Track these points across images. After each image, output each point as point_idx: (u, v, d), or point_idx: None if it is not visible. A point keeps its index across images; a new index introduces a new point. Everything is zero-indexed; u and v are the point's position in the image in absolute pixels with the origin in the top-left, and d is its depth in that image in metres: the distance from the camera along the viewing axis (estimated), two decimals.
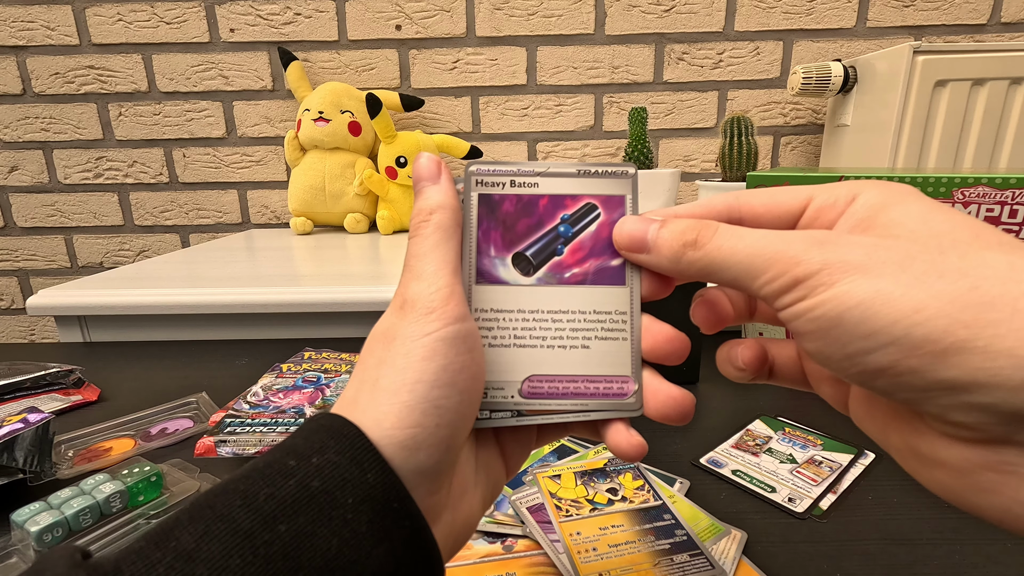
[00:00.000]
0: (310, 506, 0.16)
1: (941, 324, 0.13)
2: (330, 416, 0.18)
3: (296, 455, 0.17)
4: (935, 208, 0.17)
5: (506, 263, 0.22)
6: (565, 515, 0.33)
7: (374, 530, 0.16)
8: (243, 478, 0.16)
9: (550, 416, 0.21)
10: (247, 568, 0.15)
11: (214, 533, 0.15)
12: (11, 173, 1.26)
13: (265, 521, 0.15)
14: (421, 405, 0.18)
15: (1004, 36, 1.12)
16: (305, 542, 0.15)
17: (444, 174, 0.22)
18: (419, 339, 0.18)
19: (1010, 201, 0.38)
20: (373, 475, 0.17)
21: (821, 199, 0.19)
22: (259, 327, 0.72)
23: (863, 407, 0.20)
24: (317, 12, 1.16)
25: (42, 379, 0.53)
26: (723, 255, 0.18)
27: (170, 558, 0.14)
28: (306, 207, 1.14)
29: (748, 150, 0.92)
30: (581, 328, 0.22)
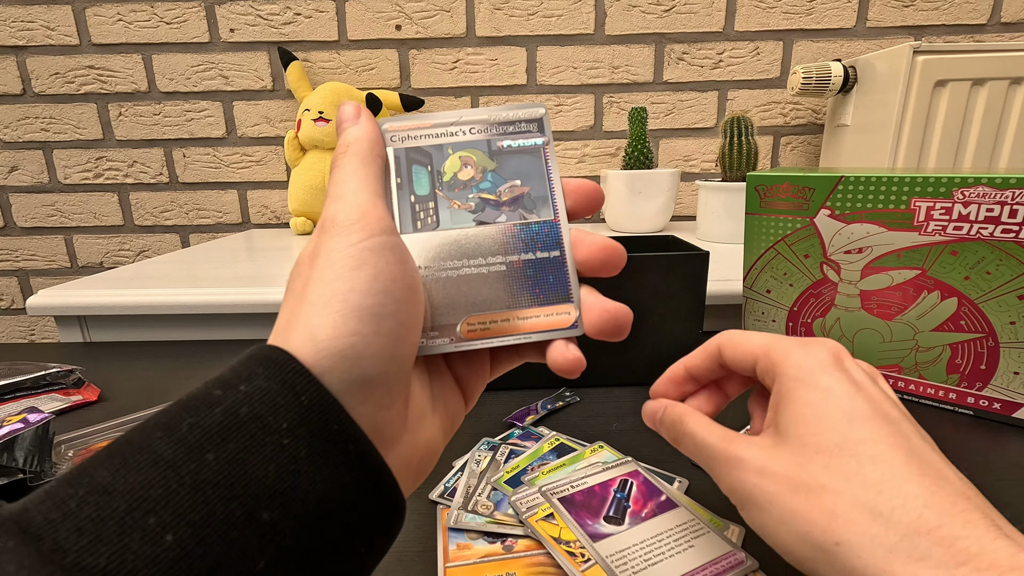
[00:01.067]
0: (240, 432, 0.15)
1: (796, 557, 0.21)
2: (258, 347, 0.17)
3: (222, 385, 0.16)
4: (814, 415, 0.22)
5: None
6: (584, 560, 0.30)
7: (314, 454, 0.15)
8: (164, 412, 0.15)
9: (490, 341, 0.21)
10: (171, 497, 0.13)
11: (132, 465, 0.14)
12: (11, 173, 1.26)
13: (190, 450, 0.14)
14: (356, 313, 0.17)
15: (1004, 36, 1.12)
16: (238, 469, 0.14)
17: (364, 114, 0.22)
18: (345, 249, 0.18)
19: (1010, 201, 0.38)
20: (307, 397, 0.16)
21: (765, 362, 0.25)
22: (259, 327, 0.72)
23: None
24: (317, 12, 1.16)
25: (42, 379, 0.53)
26: (694, 443, 0.26)
27: (83, 492, 0.13)
28: (306, 207, 1.14)
29: (748, 150, 0.92)
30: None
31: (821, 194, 0.45)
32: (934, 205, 0.41)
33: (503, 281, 0.21)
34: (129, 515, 0.13)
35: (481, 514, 0.34)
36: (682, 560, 0.29)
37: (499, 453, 0.40)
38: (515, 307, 0.21)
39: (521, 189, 0.22)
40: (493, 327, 0.21)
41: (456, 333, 0.21)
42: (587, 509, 0.33)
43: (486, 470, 0.38)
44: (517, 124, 0.23)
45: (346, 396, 0.17)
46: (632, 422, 0.45)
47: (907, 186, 0.42)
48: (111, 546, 0.13)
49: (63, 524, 0.13)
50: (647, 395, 0.33)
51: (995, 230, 0.40)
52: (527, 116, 0.23)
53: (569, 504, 0.33)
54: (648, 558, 0.29)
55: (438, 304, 0.21)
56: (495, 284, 0.21)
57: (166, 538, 0.13)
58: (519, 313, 0.21)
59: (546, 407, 0.47)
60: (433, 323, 0.21)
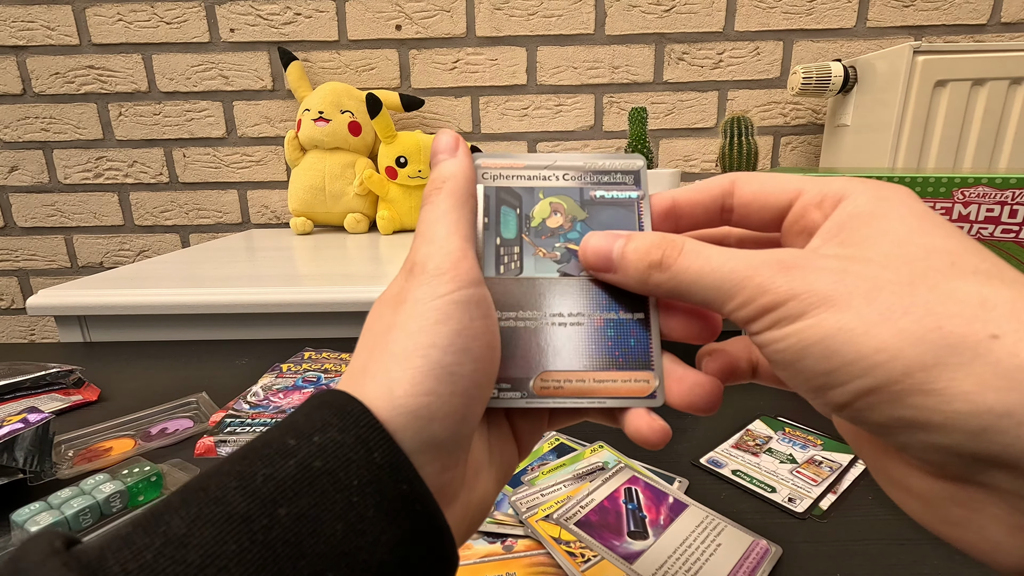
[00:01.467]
0: (312, 488, 0.15)
1: (900, 366, 0.13)
2: (333, 392, 0.17)
3: (296, 434, 0.16)
4: (917, 226, 0.16)
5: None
6: (584, 561, 0.30)
7: (382, 514, 0.15)
8: (239, 459, 0.15)
9: (562, 401, 0.20)
10: (244, 554, 0.13)
11: (207, 517, 0.14)
12: (11, 173, 1.26)
13: (263, 504, 0.14)
14: (435, 371, 0.17)
15: (1004, 36, 1.12)
16: (307, 527, 0.14)
17: (461, 147, 0.21)
18: (431, 301, 0.17)
19: (1010, 201, 0.38)
20: (380, 454, 0.16)
21: (809, 195, 0.19)
22: (259, 327, 0.72)
23: (840, 425, 0.20)
24: (317, 12, 1.16)
25: (42, 379, 0.53)
26: (689, 278, 0.18)
27: (159, 543, 0.13)
28: (306, 207, 1.14)
29: (748, 150, 0.92)
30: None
31: None
32: (934, 205, 0.41)
33: (581, 338, 0.21)
34: (202, 571, 0.13)
35: None
36: (718, 562, 0.30)
37: None
38: (591, 368, 0.20)
39: None
40: (567, 387, 0.20)
41: (528, 388, 0.20)
42: (607, 529, 0.32)
43: None
44: (613, 175, 0.22)
45: (416, 455, 0.16)
46: None
47: (907, 186, 0.42)
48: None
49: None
50: None
51: (995, 230, 0.40)
52: (624, 167, 0.22)
53: (588, 527, 0.32)
54: (688, 568, 0.29)
55: (511, 355, 0.20)
56: (573, 341, 0.21)
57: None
58: (595, 375, 0.20)
59: None
60: (505, 374, 0.20)
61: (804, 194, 0.19)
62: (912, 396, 0.13)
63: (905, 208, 0.17)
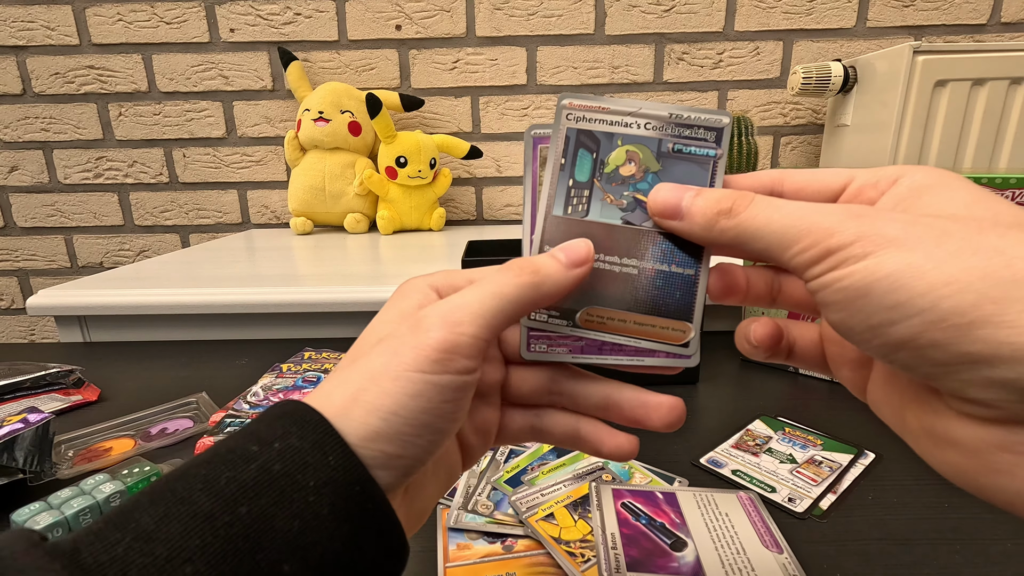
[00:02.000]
0: (271, 489, 0.16)
1: (969, 298, 0.13)
2: (294, 403, 0.18)
3: (258, 440, 0.17)
4: (979, 195, 0.16)
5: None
6: (584, 560, 0.30)
7: (336, 512, 0.16)
8: (204, 463, 0.16)
9: (602, 335, 0.21)
10: (207, 548, 0.15)
11: (174, 515, 0.15)
12: (11, 173, 1.26)
13: (226, 503, 0.15)
14: (388, 434, 0.17)
15: (1004, 36, 1.12)
16: (266, 524, 0.15)
17: (583, 269, 0.20)
18: (412, 373, 0.18)
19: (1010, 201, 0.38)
20: (334, 458, 0.17)
21: (863, 179, 0.19)
22: (259, 327, 0.72)
23: (881, 390, 0.20)
24: (317, 12, 1.16)
25: (42, 379, 0.53)
26: (757, 224, 0.18)
27: (129, 538, 0.14)
28: (306, 207, 1.14)
29: (748, 150, 0.92)
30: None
31: None
32: None
33: (631, 284, 0.21)
34: (169, 563, 0.14)
35: (481, 514, 0.34)
36: (742, 528, 0.32)
37: (499, 453, 0.40)
38: (635, 311, 0.21)
39: None
40: (609, 323, 0.21)
41: (574, 319, 0.21)
42: (654, 555, 0.30)
43: (486, 470, 0.38)
44: (695, 129, 0.22)
45: (373, 466, 0.18)
46: None
47: None
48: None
49: (111, 568, 0.14)
50: None
51: None
52: (708, 123, 0.22)
53: (641, 566, 0.30)
54: (736, 548, 0.30)
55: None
56: (622, 285, 0.21)
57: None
58: (636, 317, 0.21)
59: None
60: (557, 304, 0.21)
61: (857, 178, 0.19)
62: (980, 328, 0.13)
63: (962, 182, 0.17)
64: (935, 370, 0.15)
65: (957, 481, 0.16)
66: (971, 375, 0.14)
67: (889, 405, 0.19)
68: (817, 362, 0.23)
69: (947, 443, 0.16)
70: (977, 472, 0.15)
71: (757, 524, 0.33)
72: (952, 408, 0.16)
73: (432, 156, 1.11)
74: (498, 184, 1.26)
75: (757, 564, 0.30)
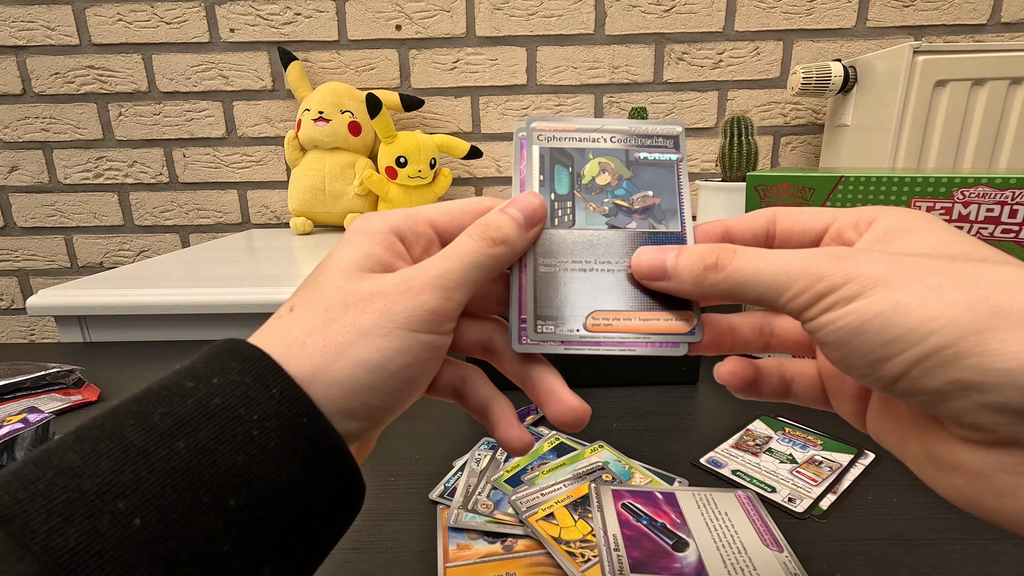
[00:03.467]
0: (210, 423, 0.15)
1: (955, 331, 0.14)
2: (232, 340, 0.18)
3: (195, 377, 0.16)
4: (949, 236, 0.18)
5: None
6: (584, 560, 0.30)
7: (283, 447, 0.16)
8: (135, 401, 0.16)
9: (611, 336, 0.22)
10: (140, 483, 0.14)
11: (103, 451, 0.14)
12: (11, 173, 1.26)
13: (161, 438, 0.15)
14: (373, 387, 0.18)
15: (1004, 36, 1.12)
16: (207, 458, 0.15)
17: (536, 229, 0.22)
18: (406, 331, 0.18)
19: (1010, 201, 0.38)
20: (278, 390, 0.16)
21: (843, 221, 0.20)
22: (259, 327, 0.72)
23: (880, 419, 0.20)
24: (317, 12, 1.16)
25: (42, 379, 0.53)
26: (745, 275, 0.19)
27: (51, 475, 0.13)
28: (306, 207, 1.14)
29: (748, 150, 0.92)
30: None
31: (821, 194, 0.45)
32: (934, 205, 0.41)
33: (629, 283, 0.22)
34: (99, 498, 0.13)
35: (481, 513, 0.34)
36: (742, 528, 0.32)
37: (499, 452, 0.40)
38: (638, 308, 0.22)
39: (653, 200, 0.24)
40: (616, 324, 0.22)
41: (583, 324, 0.22)
42: (656, 556, 0.30)
43: (486, 469, 0.38)
44: (655, 138, 0.24)
45: (350, 416, 0.18)
46: (632, 422, 0.45)
47: (907, 186, 0.42)
48: (80, 528, 0.13)
49: (31, 504, 0.13)
50: (646, 395, 0.33)
51: (995, 230, 0.40)
52: (665, 132, 0.24)
53: (644, 567, 0.30)
54: (737, 547, 0.30)
55: (566, 296, 0.22)
56: (622, 284, 0.22)
57: (134, 521, 0.13)
58: (641, 315, 0.22)
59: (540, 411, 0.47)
60: (559, 312, 0.22)
61: (839, 219, 0.21)
62: (967, 358, 0.14)
63: (935, 223, 0.18)
64: (932, 398, 0.15)
65: (962, 504, 0.17)
66: (965, 402, 0.15)
67: (890, 433, 0.20)
68: (818, 398, 0.23)
69: (949, 467, 0.17)
70: (981, 494, 0.16)
71: (756, 523, 0.33)
72: (952, 433, 0.16)
73: (432, 156, 1.11)
74: (498, 184, 1.26)
75: (759, 563, 0.30)
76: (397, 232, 0.21)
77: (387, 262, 0.20)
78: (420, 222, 0.22)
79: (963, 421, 0.15)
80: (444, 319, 0.19)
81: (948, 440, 0.16)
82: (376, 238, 0.21)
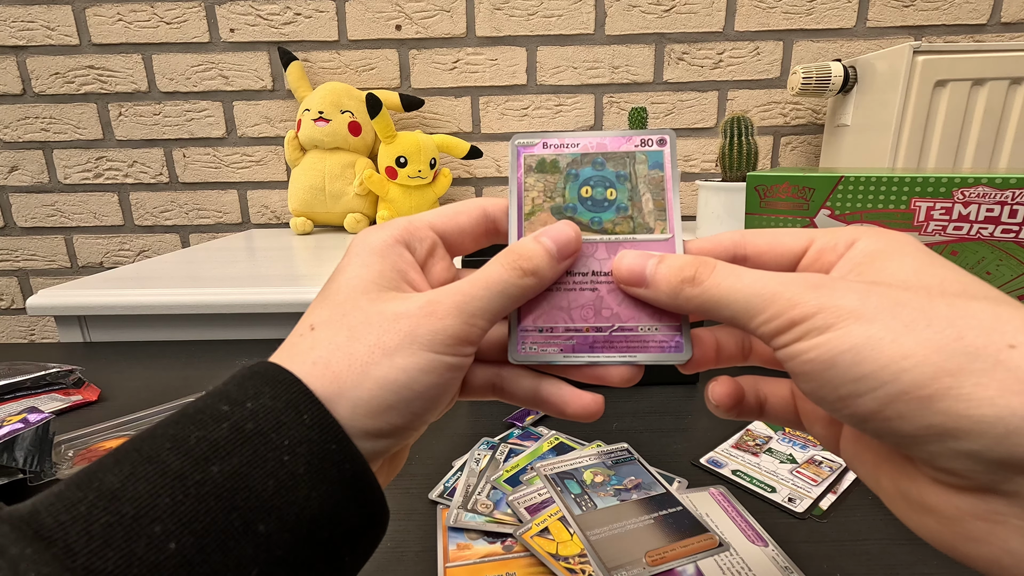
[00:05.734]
0: (244, 448, 0.15)
1: (928, 371, 0.14)
2: (265, 363, 0.18)
3: (229, 401, 0.17)
4: (927, 261, 0.17)
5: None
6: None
7: (312, 472, 0.16)
8: (172, 424, 0.16)
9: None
10: (177, 507, 0.14)
11: (141, 474, 0.14)
12: (11, 173, 1.26)
13: (196, 463, 0.15)
14: (398, 407, 0.18)
15: (1004, 36, 1.12)
16: (239, 483, 0.15)
17: (567, 263, 0.22)
18: (430, 354, 0.18)
19: (1010, 201, 0.38)
20: (309, 416, 0.17)
21: (822, 242, 0.20)
22: (259, 327, 0.72)
23: (854, 449, 0.20)
24: (317, 12, 1.16)
25: (42, 379, 0.53)
26: (721, 293, 0.18)
27: (92, 497, 0.14)
28: (306, 207, 1.14)
29: (748, 150, 0.92)
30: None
31: (821, 194, 0.45)
32: (934, 205, 0.41)
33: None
34: (136, 522, 0.14)
35: (481, 513, 0.34)
36: (728, 529, 0.32)
37: (498, 452, 0.40)
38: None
39: (636, 481, 0.35)
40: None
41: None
42: None
43: (485, 469, 0.38)
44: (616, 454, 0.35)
45: (375, 435, 0.18)
46: (632, 422, 0.45)
47: (907, 186, 0.42)
48: (118, 551, 0.13)
49: (73, 527, 0.13)
50: (646, 395, 0.33)
51: (995, 230, 0.40)
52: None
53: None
54: (731, 551, 0.31)
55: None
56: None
57: (169, 546, 0.14)
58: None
59: None
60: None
61: (816, 241, 0.20)
62: (940, 401, 0.14)
63: (912, 247, 0.18)
64: (903, 440, 0.15)
65: (935, 545, 0.16)
66: (938, 447, 0.14)
67: (863, 465, 0.19)
68: (790, 419, 0.23)
69: (922, 509, 0.16)
70: (954, 539, 0.16)
71: (737, 520, 0.33)
72: (925, 475, 0.16)
73: (432, 156, 1.11)
74: (498, 184, 1.26)
75: (751, 562, 0.30)
76: (403, 241, 0.21)
77: (401, 274, 0.20)
78: (420, 227, 0.22)
79: (936, 464, 0.15)
80: (467, 343, 0.19)
81: (921, 480, 0.16)
82: (386, 252, 0.21)
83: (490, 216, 0.23)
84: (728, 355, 0.23)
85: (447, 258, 0.23)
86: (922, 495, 0.16)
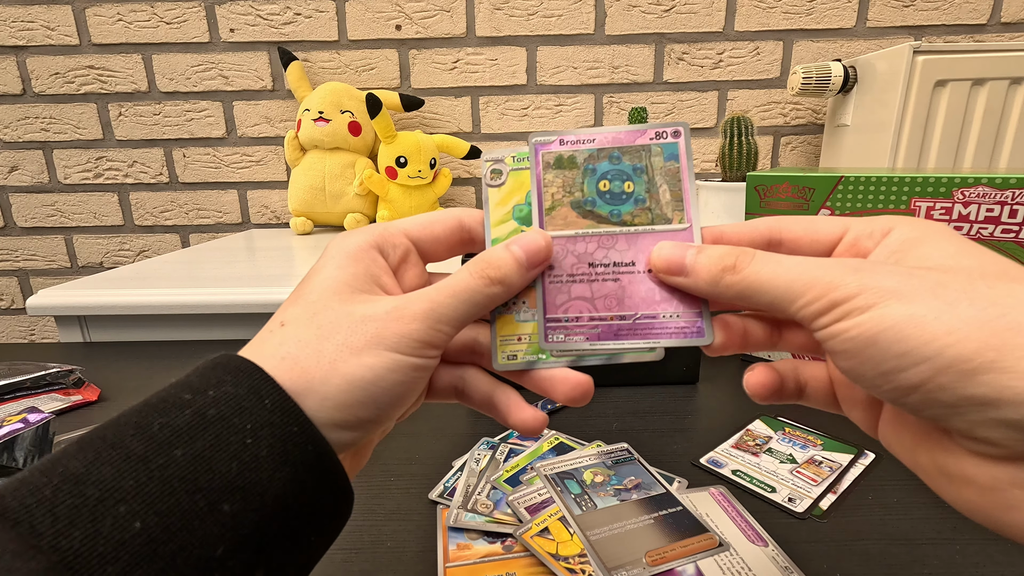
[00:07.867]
0: (206, 432, 0.16)
1: (972, 346, 0.14)
2: (228, 355, 0.18)
3: (191, 390, 0.17)
4: (965, 246, 0.18)
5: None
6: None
7: (274, 454, 0.17)
8: (135, 412, 0.16)
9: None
10: (141, 488, 0.15)
11: (105, 459, 0.15)
12: (11, 173, 1.26)
13: (160, 447, 0.15)
14: (365, 401, 0.19)
15: (1004, 36, 1.12)
16: (203, 465, 0.15)
17: (534, 272, 0.22)
18: (399, 355, 0.19)
19: (1010, 201, 0.38)
20: (271, 401, 0.17)
21: (858, 230, 0.20)
22: (259, 327, 0.72)
23: (892, 429, 0.20)
24: (317, 12, 1.16)
25: (42, 379, 0.53)
26: (761, 280, 0.19)
27: (57, 481, 0.14)
28: (306, 207, 1.14)
29: (748, 150, 0.92)
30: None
31: (821, 194, 0.45)
32: (934, 205, 0.41)
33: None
34: (101, 503, 0.14)
35: (481, 513, 0.34)
36: (724, 526, 0.31)
37: (498, 452, 0.40)
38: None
39: (635, 481, 0.35)
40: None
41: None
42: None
43: (485, 469, 0.38)
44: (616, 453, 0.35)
45: (343, 427, 0.19)
46: (632, 422, 0.45)
47: (907, 186, 0.42)
48: (84, 530, 0.14)
49: (38, 509, 0.14)
50: (646, 395, 0.33)
51: (995, 230, 0.40)
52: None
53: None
54: (731, 551, 0.31)
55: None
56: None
57: (134, 525, 0.14)
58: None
59: (546, 407, 0.47)
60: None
61: (852, 229, 0.20)
62: (984, 374, 0.14)
63: (948, 233, 0.18)
64: (944, 411, 0.15)
65: (973, 516, 0.17)
66: (978, 416, 0.15)
67: (901, 444, 0.20)
68: (829, 402, 0.23)
69: (961, 481, 0.17)
70: (992, 508, 0.16)
71: (737, 520, 0.33)
72: (963, 447, 0.16)
73: (432, 156, 1.11)
74: None
75: (751, 562, 0.30)
76: (377, 246, 0.22)
77: (374, 278, 0.21)
78: (395, 234, 0.23)
79: (975, 435, 0.15)
80: (431, 347, 0.20)
81: (959, 453, 0.17)
82: (360, 256, 0.21)
83: (465, 227, 0.23)
84: (755, 341, 0.23)
85: (420, 265, 0.24)
86: (961, 467, 0.16)
